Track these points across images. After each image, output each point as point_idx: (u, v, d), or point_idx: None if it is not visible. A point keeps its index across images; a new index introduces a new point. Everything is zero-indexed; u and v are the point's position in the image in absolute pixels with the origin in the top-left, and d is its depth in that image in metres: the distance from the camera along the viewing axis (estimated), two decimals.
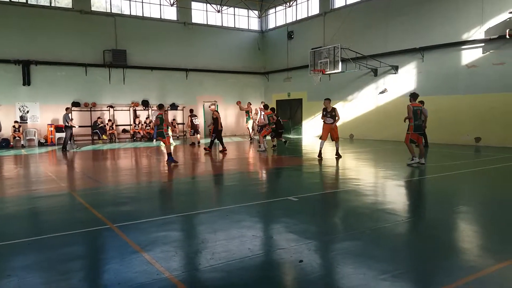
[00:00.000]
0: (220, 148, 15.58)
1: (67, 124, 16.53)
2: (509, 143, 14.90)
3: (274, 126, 15.61)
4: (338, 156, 12.50)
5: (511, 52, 14.87)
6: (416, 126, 10.46)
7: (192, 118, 18.39)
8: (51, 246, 4.63)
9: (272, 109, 16.43)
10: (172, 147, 13.60)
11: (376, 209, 6.18)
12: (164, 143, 12.21)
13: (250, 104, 21.27)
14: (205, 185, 9.12)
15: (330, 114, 12.34)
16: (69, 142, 17.22)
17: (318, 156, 12.38)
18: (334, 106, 12.79)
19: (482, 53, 15.82)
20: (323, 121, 12.50)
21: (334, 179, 9.41)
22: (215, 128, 14.98)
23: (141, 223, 5.46)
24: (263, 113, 15.91)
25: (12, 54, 19.74)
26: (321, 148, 12.49)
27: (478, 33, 15.90)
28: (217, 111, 15.38)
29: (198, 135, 18.76)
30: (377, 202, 6.81)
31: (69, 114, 16.73)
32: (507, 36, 14.57)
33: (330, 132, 12.45)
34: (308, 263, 3.90)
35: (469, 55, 16.26)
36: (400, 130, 18.20)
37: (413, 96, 10.75)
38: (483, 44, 15.76)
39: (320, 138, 12.74)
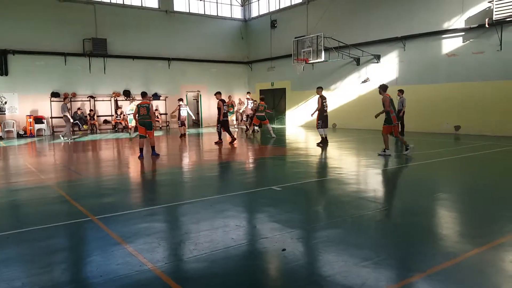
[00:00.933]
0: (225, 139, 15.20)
1: (65, 114, 16.67)
2: (487, 131, 15.23)
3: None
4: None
5: (490, 41, 15.12)
6: (396, 116, 10.69)
7: (180, 108, 17.58)
8: (31, 239, 4.56)
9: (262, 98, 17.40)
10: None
11: (358, 197, 6.26)
12: (147, 136, 11.15)
13: (231, 97, 21.16)
14: (189, 175, 9.08)
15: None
16: (69, 132, 17.34)
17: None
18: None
19: (462, 42, 16.04)
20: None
21: (317, 168, 9.48)
22: (219, 119, 14.36)
23: (123, 214, 5.42)
24: (250, 102, 16.34)
25: None
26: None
27: (458, 22, 16.10)
28: (221, 100, 14.32)
29: (183, 127, 17.91)
30: (358, 190, 6.90)
31: (67, 105, 16.87)
32: (487, 25, 14.79)
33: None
34: (291, 252, 3.94)
35: (450, 44, 16.47)
36: (381, 119, 18.45)
37: (383, 88, 10.65)
38: (463, 33, 15.98)
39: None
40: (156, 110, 23.12)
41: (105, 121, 22.71)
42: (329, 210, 5.75)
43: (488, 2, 14.95)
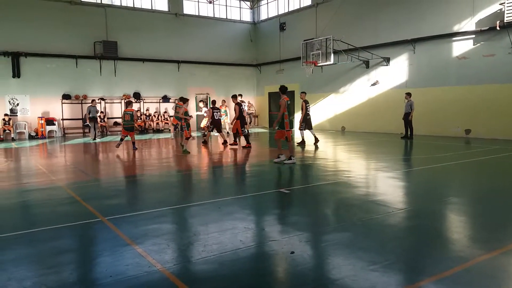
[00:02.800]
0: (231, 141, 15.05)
1: (91, 116, 17.66)
2: (498, 134, 15.06)
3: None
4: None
5: (502, 44, 14.98)
6: (291, 122, 10.67)
7: (214, 111, 15.04)
8: (41, 239, 4.61)
9: (213, 101, 15.96)
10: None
11: (367, 200, 6.23)
12: (129, 135, 13.72)
13: (225, 102, 20.42)
14: (198, 177, 9.11)
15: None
16: (94, 132, 18.02)
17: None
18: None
19: (473, 45, 15.90)
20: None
21: (325, 171, 9.45)
22: (242, 122, 14.09)
23: (132, 216, 5.46)
24: (244, 105, 16.89)
25: (1, 46, 19.44)
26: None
27: (469, 24, 15.97)
28: (238, 103, 14.12)
29: (217, 133, 15.93)
30: (367, 193, 6.86)
31: (95, 106, 17.94)
32: (498, 28, 14.65)
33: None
34: (299, 255, 3.93)
35: (460, 47, 16.34)
36: (391, 122, 18.40)
37: (282, 89, 10.16)
38: (474, 36, 15.85)
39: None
40: (164, 112, 23.21)
41: (116, 123, 22.89)
42: (337, 213, 5.73)
43: (500, 4, 14.81)
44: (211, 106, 15.52)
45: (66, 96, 21.13)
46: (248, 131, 14.58)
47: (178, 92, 24.56)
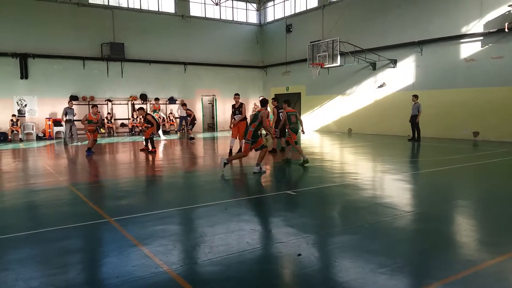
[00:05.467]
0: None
1: (67, 118, 16.48)
2: (507, 137, 14.92)
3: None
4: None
5: (510, 46, 14.85)
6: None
7: (280, 112, 12.22)
8: (49, 239, 4.62)
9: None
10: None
11: (374, 203, 6.19)
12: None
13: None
14: (205, 179, 9.10)
15: (238, 110, 12.00)
16: (68, 136, 16.97)
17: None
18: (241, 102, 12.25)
19: (481, 47, 15.78)
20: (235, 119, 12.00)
21: (332, 173, 9.41)
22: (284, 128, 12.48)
23: (139, 216, 5.46)
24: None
25: (9, 47, 19.60)
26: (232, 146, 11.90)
27: (477, 26, 15.85)
28: (276, 106, 12.71)
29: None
30: (375, 196, 6.82)
31: (72, 108, 16.88)
32: (506, 30, 14.53)
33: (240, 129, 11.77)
34: (306, 257, 3.91)
35: (468, 49, 16.22)
36: (398, 124, 18.31)
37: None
38: (482, 38, 15.72)
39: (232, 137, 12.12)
40: (170, 113, 23.27)
41: (122, 124, 22.98)
42: (345, 216, 5.69)
43: (508, 6, 14.69)
44: (270, 106, 12.58)
45: (73, 97, 21.23)
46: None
47: (185, 94, 24.67)
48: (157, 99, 20.94)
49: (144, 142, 14.09)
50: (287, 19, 25.67)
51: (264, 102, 9.49)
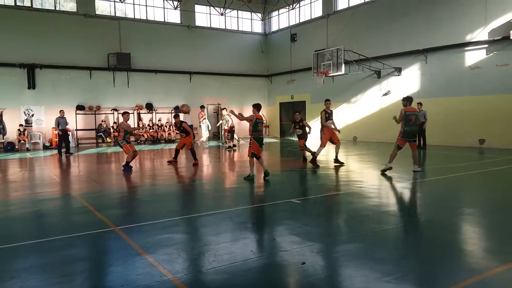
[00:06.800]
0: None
1: (60, 128, 16.25)
2: None
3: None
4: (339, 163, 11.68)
5: None
6: (406, 132, 9.54)
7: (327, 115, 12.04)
8: (54, 248, 4.65)
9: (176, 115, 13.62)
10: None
11: (379, 211, 6.17)
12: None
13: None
14: (209, 187, 9.12)
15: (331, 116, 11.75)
16: (68, 146, 16.85)
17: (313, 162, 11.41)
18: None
19: (486, 54, 15.77)
20: (325, 125, 11.53)
21: (336, 181, 9.40)
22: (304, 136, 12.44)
23: (144, 225, 5.49)
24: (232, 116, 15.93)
25: (17, 58, 19.88)
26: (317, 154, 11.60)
27: (481, 34, 15.86)
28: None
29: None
30: (380, 204, 6.79)
31: (64, 118, 16.54)
32: (511, 37, 14.51)
33: (332, 136, 11.66)
34: (310, 265, 3.91)
35: (473, 57, 16.21)
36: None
37: (408, 99, 9.80)
38: (486, 45, 15.72)
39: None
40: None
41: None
42: (349, 224, 5.68)
43: None
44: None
45: (80, 107, 21.45)
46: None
47: (190, 103, 24.60)
48: (202, 107, 19.17)
49: (174, 154, 12.73)
50: (292, 28, 25.82)
51: (410, 100, 9.78)
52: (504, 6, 15.11)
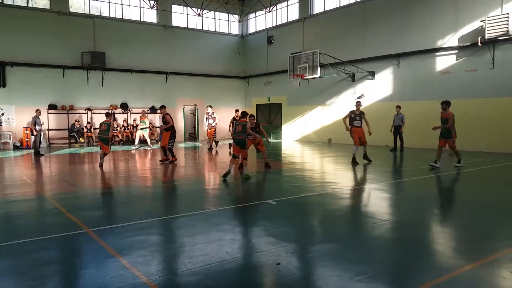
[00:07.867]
0: None
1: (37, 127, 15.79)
2: (482, 147, 15.35)
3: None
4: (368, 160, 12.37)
5: (483, 59, 15.37)
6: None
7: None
8: (24, 251, 4.53)
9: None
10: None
11: (353, 212, 6.29)
12: (102, 149, 12.17)
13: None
14: (185, 188, 9.07)
15: (359, 117, 12.31)
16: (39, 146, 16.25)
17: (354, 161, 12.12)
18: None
19: (456, 60, 16.28)
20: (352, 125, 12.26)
21: (312, 183, 9.51)
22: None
23: (117, 227, 5.42)
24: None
25: None
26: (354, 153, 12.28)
27: (452, 40, 16.37)
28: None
29: None
30: (354, 205, 6.92)
31: (39, 117, 16.06)
32: (479, 44, 15.05)
33: (360, 136, 12.29)
34: (285, 266, 3.95)
35: (443, 62, 16.72)
36: (377, 134, 18.52)
37: (448, 104, 11.21)
38: (456, 51, 16.24)
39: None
40: (149, 123, 23.11)
41: None
42: (324, 225, 5.76)
43: (481, 21, 15.23)
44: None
45: (52, 106, 20.92)
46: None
47: (166, 103, 24.38)
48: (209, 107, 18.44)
49: (163, 152, 12.86)
50: (269, 31, 25.97)
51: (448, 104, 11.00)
52: (473, 14, 15.65)
